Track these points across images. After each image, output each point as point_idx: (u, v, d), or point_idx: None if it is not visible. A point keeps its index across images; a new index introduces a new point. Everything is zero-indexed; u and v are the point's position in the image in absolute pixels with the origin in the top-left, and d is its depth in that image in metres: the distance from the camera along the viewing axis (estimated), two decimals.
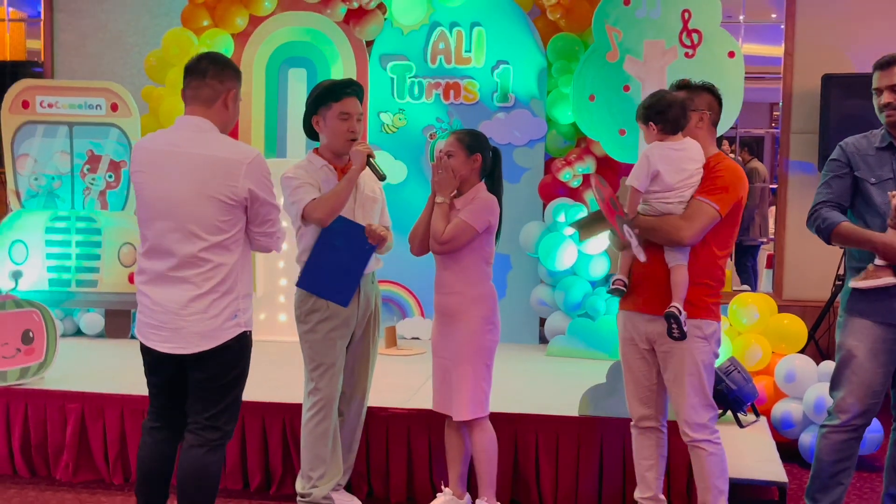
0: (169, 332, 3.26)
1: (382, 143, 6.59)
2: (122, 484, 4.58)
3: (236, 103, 3.40)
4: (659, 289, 3.56)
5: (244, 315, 3.32)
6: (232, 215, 3.24)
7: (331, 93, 3.85)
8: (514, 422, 4.34)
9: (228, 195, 3.21)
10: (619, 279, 3.69)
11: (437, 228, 3.83)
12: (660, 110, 3.55)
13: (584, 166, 6.18)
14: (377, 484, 4.44)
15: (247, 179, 3.21)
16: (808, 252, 6.70)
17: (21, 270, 6.19)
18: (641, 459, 3.82)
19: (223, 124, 3.36)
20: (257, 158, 3.26)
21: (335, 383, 3.92)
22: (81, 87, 6.50)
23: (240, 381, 3.40)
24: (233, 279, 3.27)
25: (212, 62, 3.36)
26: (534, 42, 6.46)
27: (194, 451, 3.32)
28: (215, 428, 3.33)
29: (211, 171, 3.20)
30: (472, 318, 3.87)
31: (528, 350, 6.21)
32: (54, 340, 4.88)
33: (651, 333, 3.63)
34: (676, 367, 3.58)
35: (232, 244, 3.26)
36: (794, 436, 5.06)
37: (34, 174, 6.39)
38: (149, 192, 3.28)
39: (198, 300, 3.23)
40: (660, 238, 3.54)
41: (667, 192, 3.54)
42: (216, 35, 6.53)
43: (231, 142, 3.32)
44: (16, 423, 4.66)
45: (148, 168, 3.29)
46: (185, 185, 3.21)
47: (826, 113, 6.37)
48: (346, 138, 3.85)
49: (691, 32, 5.73)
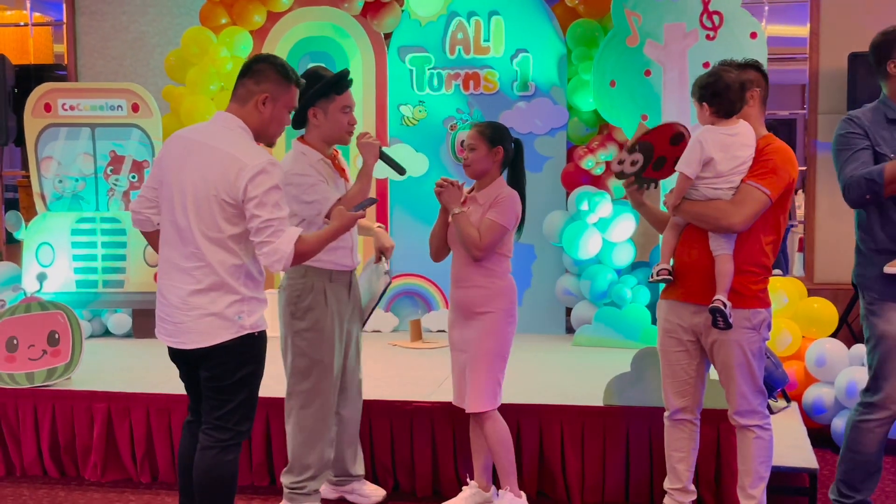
0: (172, 325, 3.26)
1: (403, 135, 6.56)
2: (149, 483, 4.61)
3: (274, 108, 3.28)
4: (705, 278, 3.47)
5: (250, 318, 3.23)
6: (233, 216, 3.16)
7: (334, 86, 3.82)
8: (539, 413, 4.30)
9: (228, 195, 3.14)
10: (664, 268, 3.57)
11: (471, 236, 3.78)
12: (716, 91, 3.42)
13: (607, 153, 6.12)
14: (402, 477, 4.43)
15: (247, 185, 3.10)
16: (838, 234, 6.58)
17: (45, 273, 6.24)
18: (673, 451, 3.75)
19: (258, 127, 3.28)
20: (267, 167, 3.12)
21: (331, 379, 3.89)
22: (102, 88, 6.55)
23: (249, 383, 3.31)
24: (234, 279, 3.20)
25: (258, 62, 3.31)
26: (552, 29, 6.40)
27: (206, 453, 3.29)
28: (226, 428, 3.29)
29: (217, 167, 3.16)
30: (494, 311, 3.84)
31: (555, 340, 6.16)
32: (80, 341, 4.91)
33: (697, 325, 3.55)
34: (725, 358, 3.51)
35: (233, 244, 3.19)
36: (826, 421, 4.98)
37: (58, 177, 6.44)
38: (166, 178, 3.27)
39: (197, 295, 3.19)
40: (708, 224, 3.45)
41: (717, 179, 3.43)
42: (235, 33, 6.53)
43: (251, 145, 3.23)
44: (44, 424, 4.69)
45: (170, 155, 3.28)
46: (195, 177, 3.18)
47: (853, 92, 6.24)
48: (346, 131, 3.86)
49: (712, 14, 5.65)
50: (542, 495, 4.35)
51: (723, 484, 4.12)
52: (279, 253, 3.11)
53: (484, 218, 3.81)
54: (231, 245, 3.19)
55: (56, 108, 6.40)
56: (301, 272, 3.81)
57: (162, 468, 4.60)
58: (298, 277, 3.83)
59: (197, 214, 3.18)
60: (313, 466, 3.89)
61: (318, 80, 3.81)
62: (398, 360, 5.34)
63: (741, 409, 3.56)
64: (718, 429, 4.07)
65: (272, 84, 3.27)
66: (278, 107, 3.30)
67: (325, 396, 3.87)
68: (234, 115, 3.27)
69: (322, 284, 3.82)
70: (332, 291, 3.85)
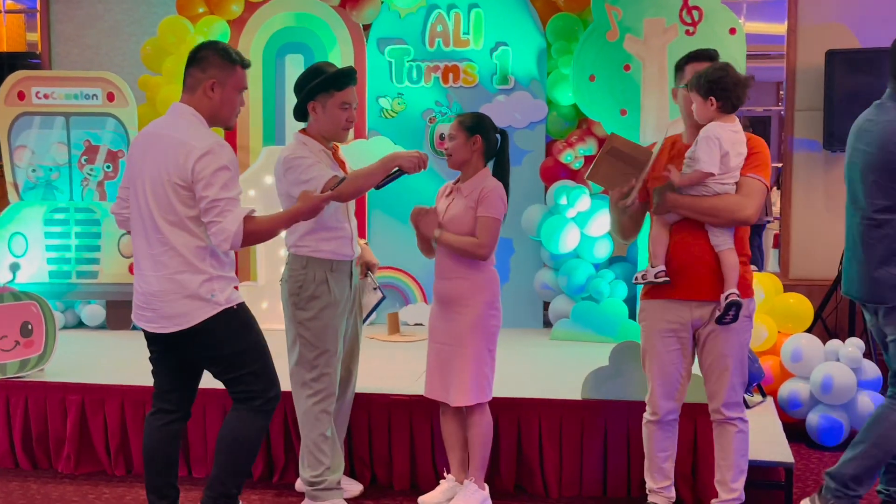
0: (150, 312, 3.37)
1: (382, 128, 6.54)
2: (124, 475, 4.56)
3: (223, 92, 3.38)
4: (707, 273, 3.49)
5: (223, 293, 3.34)
6: (187, 198, 3.26)
7: (334, 81, 3.82)
8: (517, 406, 4.30)
9: (180, 178, 3.24)
10: (661, 270, 3.54)
11: (466, 245, 3.81)
12: (725, 87, 3.41)
13: (586, 148, 6.12)
14: (380, 471, 4.41)
15: (195, 166, 3.20)
16: (814, 231, 6.64)
17: (19, 263, 6.17)
18: (659, 452, 3.72)
19: (210, 112, 3.39)
20: (214, 148, 3.23)
21: (336, 369, 3.90)
22: (77, 77, 6.48)
23: (246, 355, 3.41)
24: (200, 259, 3.30)
25: (201, 49, 3.42)
26: (532, 23, 6.39)
27: (237, 413, 3.44)
28: (251, 397, 3.41)
29: (170, 154, 3.26)
30: (476, 303, 3.85)
31: (532, 334, 6.16)
32: (53, 332, 4.85)
33: (697, 319, 3.55)
34: (720, 349, 3.53)
35: (193, 225, 3.28)
36: (801, 416, 5.01)
37: (31, 166, 6.36)
38: (131, 172, 3.40)
39: (167, 280, 3.31)
40: (721, 219, 3.46)
41: (725, 174, 3.45)
42: (212, 22, 6.47)
43: (200, 129, 3.33)
44: (16, 415, 4.63)
45: (134, 150, 3.43)
46: (151, 166, 3.30)
47: (830, 89, 6.30)
48: (343, 127, 3.87)
49: (691, 9, 5.66)
50: (520, 489, 4.35)
51: (699, 478, 4.14)
52: (225, 232, 3.22)
53: (468, 212, 3.82)
54: (191, 227, 3.29)
55: (30, 96, 6.33)
56: (302, 263, 3.83)
57: (136, 461, 4.55)
58: (300, 268, 3.84)
59: (155, 201, 3.28)
60: (328, 456, 3.88)
61: (320, 75, 3.81)
62: (376, 354, 5.32)
63: (729, 402, 3.57)
64: (696, 423, 4.08)
65: (216, 69, 3.37)
66: (227, 90, 3.40)
67: (332, 385, 3.87)
68: (186, 105, 3.38)
69: (324, 274, 3.82)
70: (334, 281, 3.85)
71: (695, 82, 3.47)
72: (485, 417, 3.89)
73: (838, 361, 4.90)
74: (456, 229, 3.85)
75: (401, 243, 6.19)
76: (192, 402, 3.61)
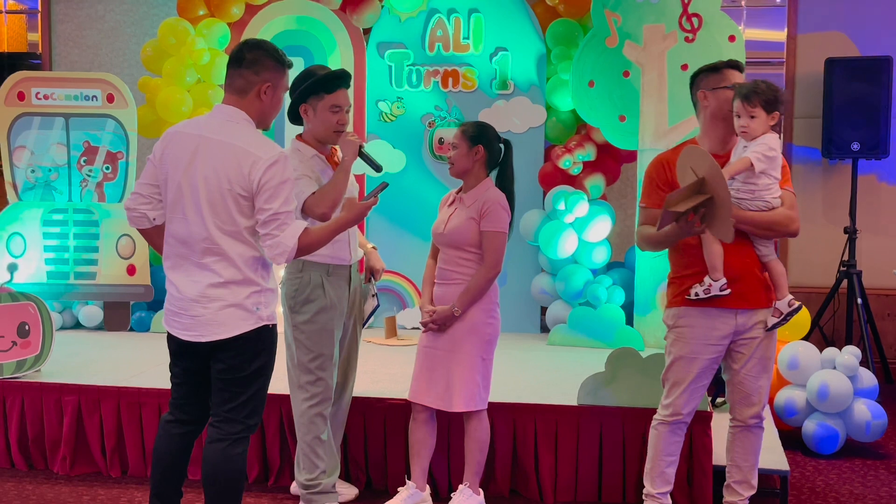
0: (189, 319, 3.23)
1: (381, 131, 6.54)
2: (119, 477, 4.55)
3: (274, 95, 3.29)
4: (755, 282, 3.57)
5: (266, 309, 3.26)
6: (247, 208, 3.17)
7: (324, 84, 3.81)
8: (513, 411, 4.30)
9: (242, 188, 3.14)
10: (725, 283, 3.51)
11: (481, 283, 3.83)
12: (783, 102, 3.53)
13: (585, 153, 6.13)
14: (375, 474, 4.41)
15: (261, 178, 3.11)
16: (812, 239, 6.65)
17: (16, 263, 6.17)
18: (666, 455, 3.73)
19: (259, 115, 3.28)
20: (280, 159, 3.15)
21: (332, 373, 3.90)
22: (77, 78, 6.47)
23: (261, 375, 3.32)
24: (253, 270, 3.22)
25: (250, 50, 3.27)
26: (532, 28, 6.40)
27: (216, 446, 3.27)
28: (236, 421, 3.28)
29: (230, 162, 3.14)
30: (472, 310, 3.86)
31: (530, 339, 6.17)
32: (50, 333, 4.85)
33: (740, 326, 3.59)
34: (764, 351, 3.63)
35: (249, 235, 3.20)
36: (798, 423, 5.01)
37: (31, 166, 6.36)
38: (172, 175, 3.24)
39: (216, 288, 3.19)
40: (776, 232, 3.57)
41: (775, 185, 3.52)
42: (212, 24, 6.48)
43: (260, 137, 3.23)
44: (12, 416, 4.63)
45: (173, 152, 3.25)
46: (206, 172, 3.16)
47: (829, 97, 6.31)
48: (334, 130, 3.84)
49: (691, 16, 5.68)
50: (515, 494, 4.35)
51: (695, 484, 4.14)
52: (282, 246, 3.14)
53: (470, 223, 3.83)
54: (247, 237, 3.20)
55: (30, 96, 6.32)
56: (298, 267, 3.82)
57: (132, 462, 4.55)
58: (296, 272, 3.84)
59: (211, 209, 3.16)
60: (323, 460, 3.88)
61: (310, 78, 3.81)
62: (373, 357, 5.32)
63: (764, 403, 3.69)
64: (692, 430, 4.08)
65: (270, 72, 3.26)
66: (278, 93, 3.31)
67: (328, 388, 3.87)
68: (236, 108, 3.25)
69: (319, 278, 3.82)
70: (331, 284, 3.85)
71: (752, 95, 3.47)
72: (483, 424, 3.91)
73: (835, 370, 4.90)
74: (457, 239, 3.87)
75: (398, 247, 6.19)
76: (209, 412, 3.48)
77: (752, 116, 3.48)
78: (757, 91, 3.48)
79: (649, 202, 3.66)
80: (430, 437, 4.01)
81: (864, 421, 4.84)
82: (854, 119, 6.21)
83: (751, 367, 3.64)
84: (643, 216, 3.69)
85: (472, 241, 3.85)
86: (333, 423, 4.07)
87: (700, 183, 3.31)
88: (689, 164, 3.37)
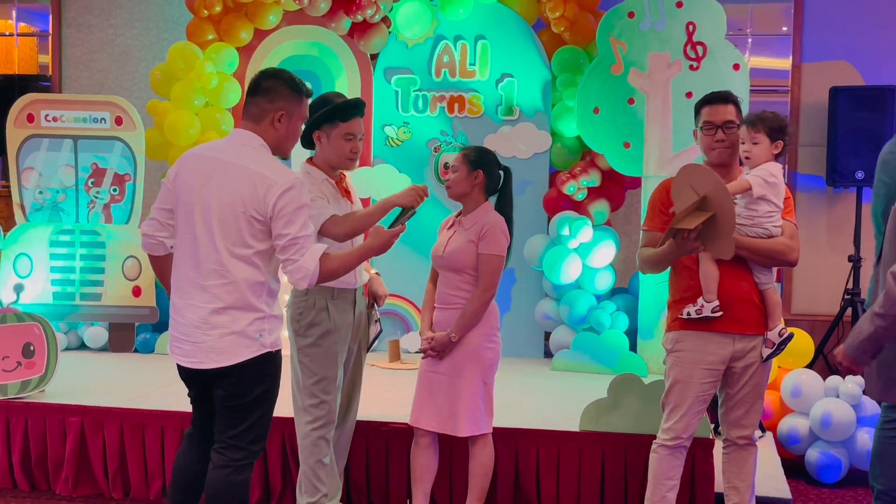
0: (190, 345, 3.21)
1: (387, 156, 6.58)
2: (121, 498, 4.56)
3: (290, 124, 3.28)
4: (752, 308, 3.59)
5: (270, 336, 3.24)
6: (260, 232, 3.16)
7: (339, 112, 3.83)
8: (515, 436, 4.30)
9: (257, 211, 3.13)
10: (717, 305, 3.55)
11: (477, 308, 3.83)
12: (788, 133, 3.59)
13: (589, 179, 6.15)
14: (377, 498, 4.41)
15: (276, 202, 3.11)
16: (816, 266, 6.65)
17: (22, 284, 6.20)
18: (666, 480, 3.70)
19: (275, 143, 3.28)
20: (296, 184, 3.14)
21: (336, 396, 3.90)
22: (86, 100, 6.53)
23: (265, 401, 3.30)
24: (256, 296, 3.19)
25: (267, 78, 3.28)
26: (538, 55, 6.44)
27: (219, 472, 3.25)
28: (239, 448, 3.26)
29: (246, 185, 3.14)
30: (472, 334, 3.86)
31: (533, 364, 6.17)
32: (55, 354, 4.87)
33: (737, 352, 3.60)
34: (758, 378, 3.66)
35: (258, 260, 3.18)
36: (801, 451, 5.00)
37: (39, 188, 6.40)
38: (185, 196, 3.23)
39: (218, 313, 3.17)
40: (773, 260, 3.58)
41: (776, 213, 3.56)
42: (221, 49, 6.54)
43: (275, 162, 3.23)
44: (16, 436, 4.64)
45: (187, 174, 3.25)
46: (218, 194, 3.16)
47: (834, 126, 6.33)
48: (348, 157, 3.87)
49: (696, 45, 5.72)
50: None
51: None
52: (303, 270, 3.13)
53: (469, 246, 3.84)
54: (256, 261, 3.18)
55: (39, 118, 6.38)
56: (303, 291, 3.81)
57: (134, 484, 4.55)
58: (301, 295, 3.84)
59: (222, 231, 3.16)
60: (325, 484, 3.88)
61: (326, 105, 3.83)
62: (376, 381, 5.32)
63: (756, 425, 3.73)
64: (693, 457, 4.07)
65: (284, 101, 3.26)
66: (294, 121, 3.31)
67: (331, 412, 3.87)
68: (252, 133, 3.26)
69: (324, 302, 3.82)
70: (335, 308, 3.84)
71: (758, 122, 3.55)
72: (487, 448, 3.90)
73: (838, 398, 4.89)
74: (456, 262, 3.88)
75: (401, 270, 6.20)
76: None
77: (755, 143, 3.52)
78: (762, 118, 3.55)
79: (651, 225, 3.69)
80: (433, 462, 4.01)
81: (867, 449, 4.82)
82: (858, 147, 6.23)
83: (746, 393, 3.65)
84: (644, 239, 3.72)
85: (471, 264, 3.86)
86: (337, 446, 4.07)
87: (701, 201, 3.33)
88: (689, 182, 3.37)
